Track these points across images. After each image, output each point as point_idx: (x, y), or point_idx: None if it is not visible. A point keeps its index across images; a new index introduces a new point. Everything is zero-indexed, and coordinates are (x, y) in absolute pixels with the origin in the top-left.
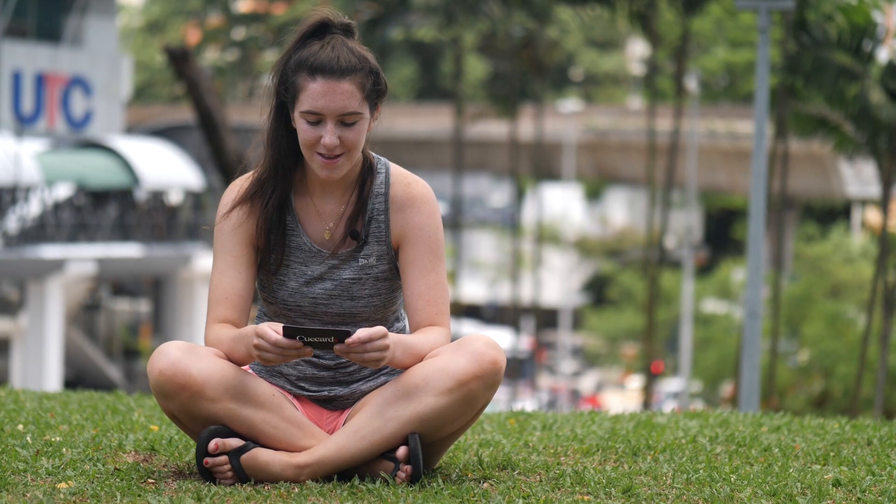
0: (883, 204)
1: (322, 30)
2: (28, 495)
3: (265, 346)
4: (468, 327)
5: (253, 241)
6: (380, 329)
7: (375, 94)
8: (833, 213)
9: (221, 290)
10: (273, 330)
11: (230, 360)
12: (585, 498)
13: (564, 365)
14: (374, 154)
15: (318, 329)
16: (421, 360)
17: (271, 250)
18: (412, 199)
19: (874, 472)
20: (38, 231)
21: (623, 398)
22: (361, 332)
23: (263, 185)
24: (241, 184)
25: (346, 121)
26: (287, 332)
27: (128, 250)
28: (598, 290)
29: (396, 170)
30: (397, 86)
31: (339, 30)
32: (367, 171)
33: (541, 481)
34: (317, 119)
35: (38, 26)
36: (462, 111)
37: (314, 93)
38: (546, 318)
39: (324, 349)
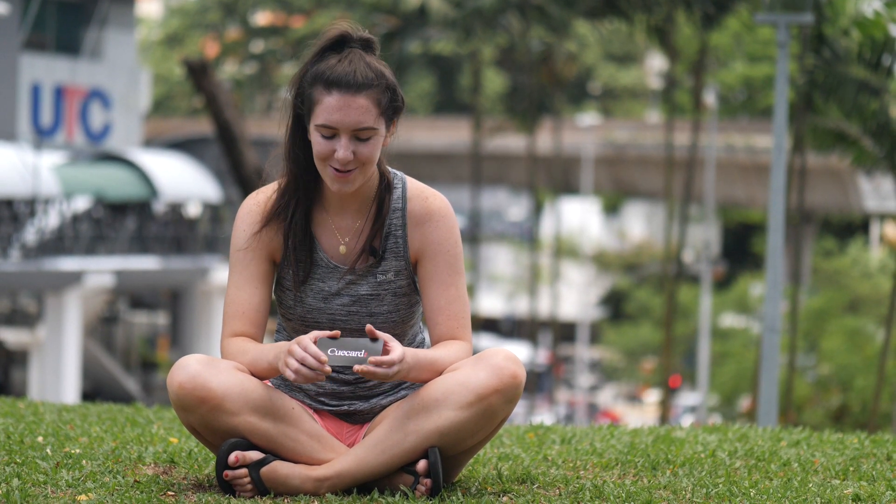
0: None
1: (341, 43)
2: None
3: (296, 352)
4: (486, 341)
5: (271, 256)
6: (392, 358)
7: (392, 110)
8: (851, 228)
9: (237, 305)
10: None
11: (251, 372)
12: None
13: (582, 379)
14: (390, 169)
15: (352, 340)
16: (441, 374)
17: (292, 265)
18: (430, 213)
19: (894, 488)
20: (57, 243)
21: (640, 412)
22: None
23: (287, 201)
24: (257, 197)
25: (360, 136)
26: (322, 340)
27: (146, 263)
28: (615, 304)
29: (413, 184)
30: (415, 99)
31: (359, 44)
32: (385, 186)
33: (560, 495)
34: (331, 133)
35: (57, 39)
36: (480, 125)
37: (329, 106)
38: (564, 332)
39: (345, 364)
